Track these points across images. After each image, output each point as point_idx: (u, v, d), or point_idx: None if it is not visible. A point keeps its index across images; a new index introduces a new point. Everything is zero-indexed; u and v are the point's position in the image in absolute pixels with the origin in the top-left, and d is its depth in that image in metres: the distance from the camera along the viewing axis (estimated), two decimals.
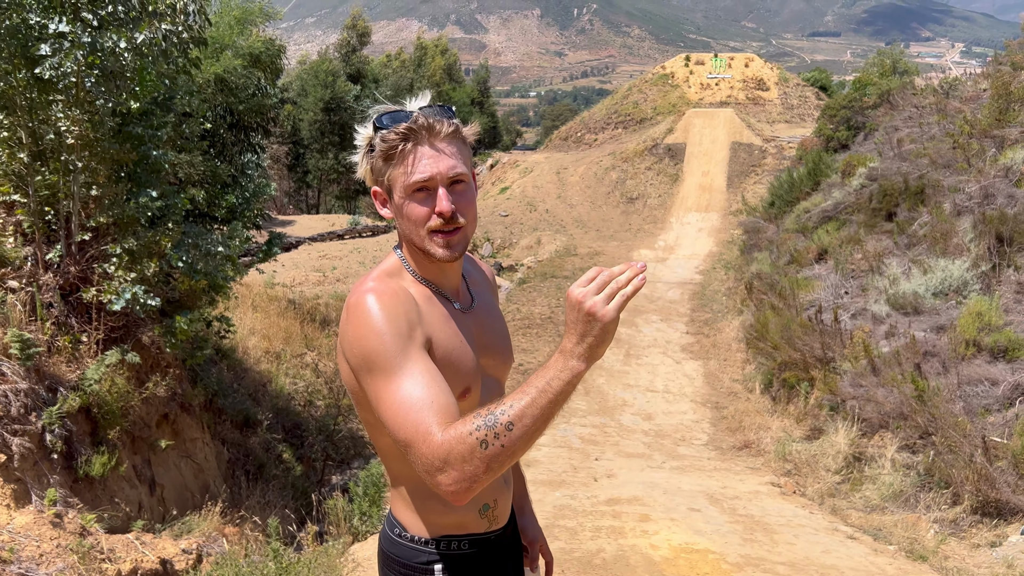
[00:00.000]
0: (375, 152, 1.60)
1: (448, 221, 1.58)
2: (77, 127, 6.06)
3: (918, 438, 7.37)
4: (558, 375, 1.35)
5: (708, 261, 22.40)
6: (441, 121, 1.58)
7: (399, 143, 1.56)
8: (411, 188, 1.58)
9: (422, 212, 1.58)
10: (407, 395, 1.44)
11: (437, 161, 1.57)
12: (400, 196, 1.60)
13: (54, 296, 6.21)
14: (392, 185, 1.61)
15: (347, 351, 1.54)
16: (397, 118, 1.58)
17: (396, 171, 1.58)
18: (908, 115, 16.55)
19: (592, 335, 1.35)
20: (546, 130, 56.58)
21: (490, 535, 1.74)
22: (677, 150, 31.39)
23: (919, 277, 9.60)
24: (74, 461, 5.76)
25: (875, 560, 5.28)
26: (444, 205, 1.56)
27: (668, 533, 5.52)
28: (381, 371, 1.48)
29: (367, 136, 1.63)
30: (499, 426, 1.33)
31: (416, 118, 1.57)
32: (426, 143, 1.57)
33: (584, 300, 1.35)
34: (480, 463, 1.34)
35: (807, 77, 41.83)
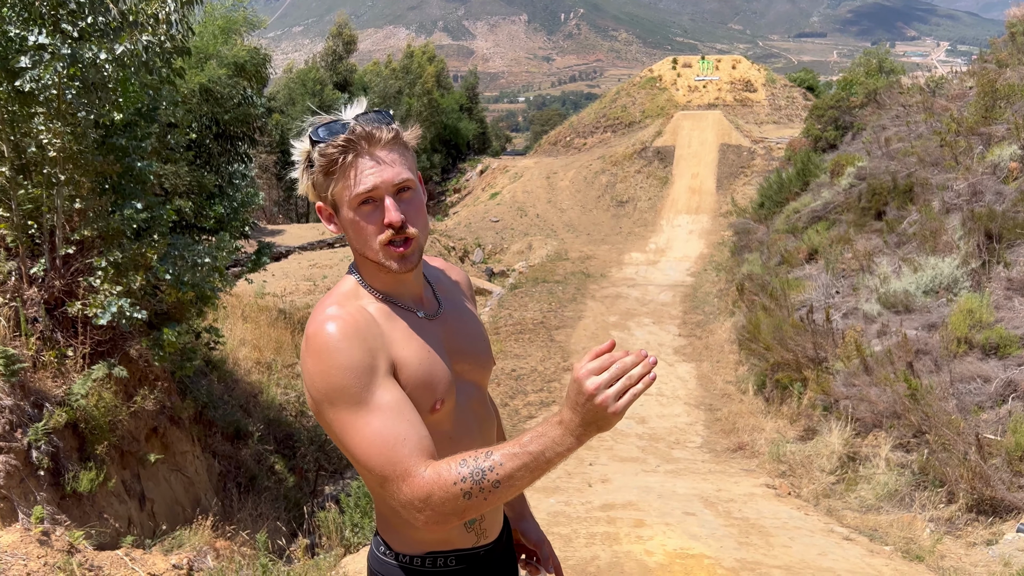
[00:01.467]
0: (314, 167, 1.54)
1: (398, 231, 1.52)
2: (59, 139, 5.99)
3: (912, 437, 7.35)
4: (554, 447, 1.35)
5: (699, 263, 22.42)
6: (380, 128, 1.52)
7: (338, 156, 1.50)
8: (356, 201, 1.52)
9: (371, 226, 1.53)
10: (378, 431, 1.43)
11: (380, 171, 1.51)
12: (347, 211, 1.54)
13: (39, 311, 6.14)
14: (337, 200, 1.55)
15: (309, 385, 1.50)
16: (333, 130, 1.52)
17: (339, 186, 1.53)
18: (895, 114, 16.61)
19: (596, 425, 1.33)
20: (535, 135, 56.60)
21: (478, 550, 1.69)
22: (666, 153, 31.44)
23: (909, 275, 9.60)
24: (61, 477, 5.68)
25: (871, 561, 5.25)
26: (393, 215, 1.51)
27: (663, 538, 5.48)
28: (347, 406, 1.45)
29: (304, 151, 1.56)
30: (486, 483, 1.34)
31: (353, 128, 1.51)
32: (366, 153, 1.51)
33: (596, 393, 1.31)
34: (460, 510, 1.37)
35: (794, 78, 42.01)
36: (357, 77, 38.74)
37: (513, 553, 1.88)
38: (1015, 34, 14.93)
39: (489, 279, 21.48)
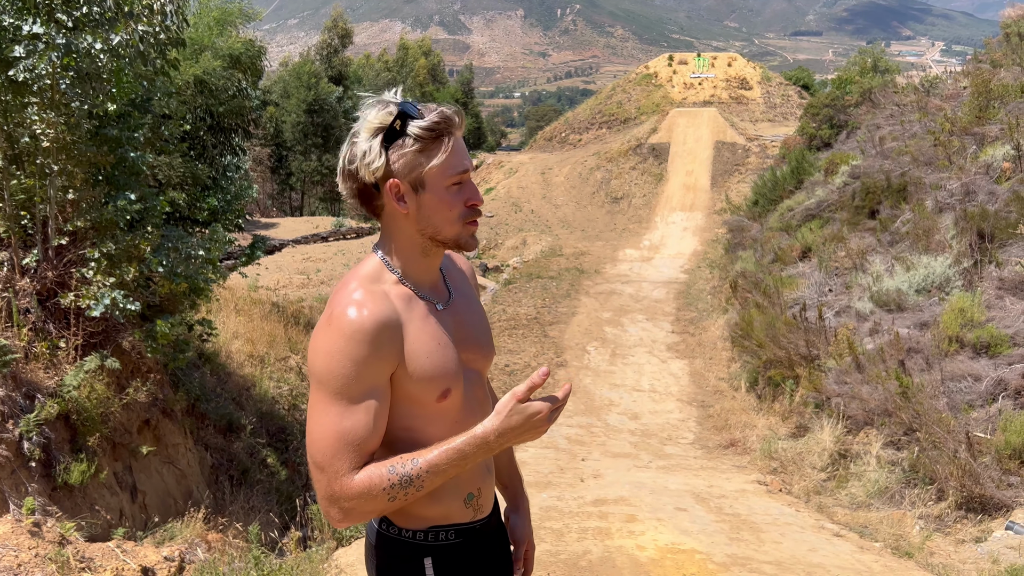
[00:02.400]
0: (408, 141, 1.54)
1: (478, 212, 1.64)
2: (52, 130, 5.97)
3: (903, 434, 7.39)
4: (477, 453, 1.52)
5: (693, 260, 22.45)
6: (460, 112, 1.59)
7: (443, 133, 1.55)
8: (451, 180, 1.58)
9: (458, 203, 1.60)
10: (342, 426, 1.49)
11: (467, 154, 1.61)
12: (436, 189, 1.57)
13: (31, 302, 6.12)
14: (428, 178, 1.57)
15: (312, 355, 1.54)
16: (416, 109, 1.56)
17: (435, 163, 1.56)
18: (890, 113, 16.65)
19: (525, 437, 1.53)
20: (531, 131, 56.56)
21: (475, 524, 1.73)
22: (661, 150, 31.46)
23: (902, 274, 9.64)
24: (53, 469, 5.67)
25: (861, 558, 5.27)
26: (479, 196, 1.63)
27: (655, 533, 5.49)
28: (331, 392, 1.50)
29: (381, 123, 1.54)
30: (411, 488, 1.49)
31: (447, 111, 1.56)
32: (456, 136, 1.58)
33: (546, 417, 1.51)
34: (380, 509, 1.51)
35: (789, 76, 42.06)
36: (352, 71, 38.62)
37: (505, 528, 1.93)
38: (1009, 34, 14.98)
39: (483, 274, 21.47)
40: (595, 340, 14.91)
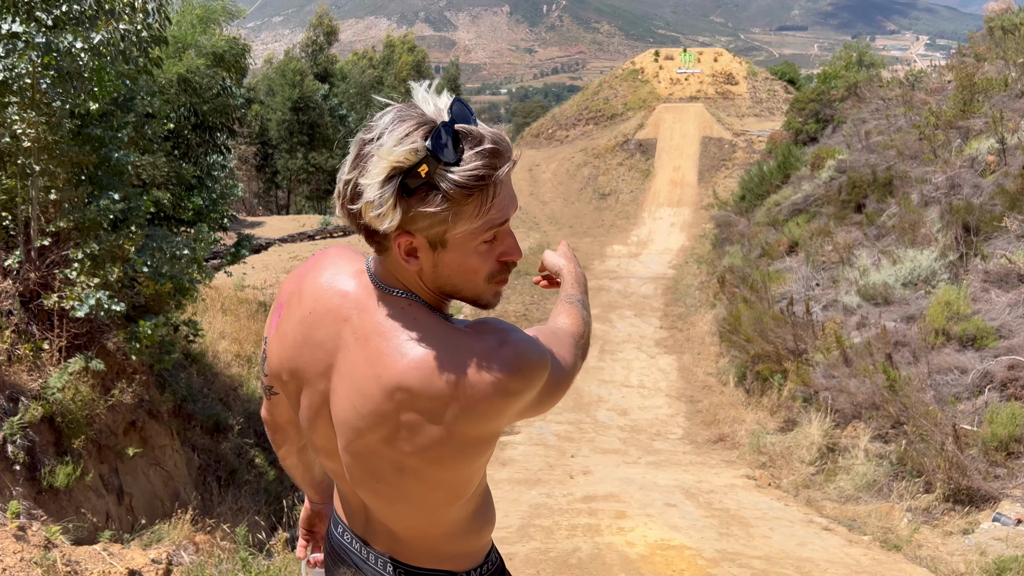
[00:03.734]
0: (435, 197, 1.12)
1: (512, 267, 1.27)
2: (34, 130, 5.90)
3: (890, 428, 7.43)
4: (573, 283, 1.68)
5: (681, 256, 22.50)
6: (511, 148, 1.17)
7: (486, 184, 1.13)
8: (486, 238, 1.20)
9: (488, 261, 1.23)
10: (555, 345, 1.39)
11: (513, 200, 1.21)
12: (463, 248, 1.20)
13: (13, 303, 6.05)
14: (450, 235, 1.18)
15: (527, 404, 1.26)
16: (456, 139, 1.12)
17: (464, 218, 1.15)
18: (875, 107, 16.73)
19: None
20: (517, 127, 56.51)
21: None
22: (648, 145, 31.49)
23: (889, 268, 9.68)
24: (38, 472, 5.61)
25: (850, 551, 5.29)
26: (519, 253, 1.26)
27: (644, 530, 5.50)
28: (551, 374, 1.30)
29: (399, 163, 1.11)
30: (584, 321, 1.59)
31: (495, 149, 1.14)
32: (501, 180, 1.16)
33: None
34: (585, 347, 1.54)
35: (775, 71, 42.18)
36: (338, 68, 38.46)
37: None
38: (993, 28, 15.06)
39: None
40: None
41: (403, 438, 1.24)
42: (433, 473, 1.28)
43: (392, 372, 1.22)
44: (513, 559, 4.86)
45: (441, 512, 1.36)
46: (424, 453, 1.24)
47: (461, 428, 1.21)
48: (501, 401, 1.20)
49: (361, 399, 1.25)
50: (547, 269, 1.77)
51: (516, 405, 1.23)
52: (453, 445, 1.23)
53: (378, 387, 1.23)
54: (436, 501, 1.34)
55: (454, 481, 1.31)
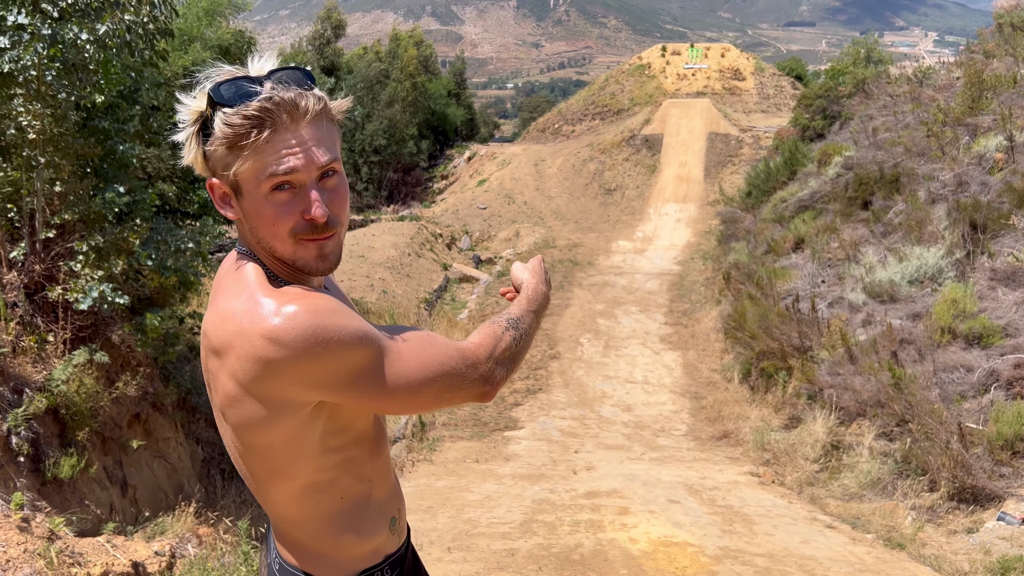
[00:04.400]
0: (215, 136, 1.22)
1: (323, 228, 1.27)
2: (39, 122, 5.90)
3: (895, 426, 7.40)
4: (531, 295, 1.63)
5: (686, 252, 22.45)
6: (305, 96, 1.23)
7: (251, 130, 1.20)
8: (269, 185, 1.23)
9: (287, 217, 1.25)
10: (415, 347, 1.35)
11: (303, 152, 1.23)
12: (253, 195, 1.24)
13: (18, 295, 6.06)
14: (241, 181, 1.24)
15: (321, 379, 1.25)
16: (242, 90, 1.21)
17: (247, 164, 1.22)
18: (883, 104, 16.64)
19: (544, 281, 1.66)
20: (524, 122, 56.38)
21: (400, 550, 1.55)
22: (654, 141, 31.40)
23: (895, 265, 9.64)
24: (42, 463, 5.63)
25: (853, 549, 5.28)
26: (318, 210, 1.24)
27: (647, 526, 5.49)
28: (368, 351, 1.27)
29: (196, 111, 1.24)
30: (520, 327, 1.53)
31: (273, 96, 1.20)
32: (288, 129, 1.22)
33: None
34: (512, 352, 1.48)
35: (783, 67, 42.03)
36: (344, 61, 38.42)
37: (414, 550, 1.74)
38: (1002, 25, 14.96)
39: (476, 266, 21.44)
40: (588, 332, 14.90)
41: (214, 391, 1.33)
42: (242, 436, 1.32)
43: (205, 323, 1.33)
44: (515, 555, 4.86)
45: (271, 489, 1.39)
46: (227, 409, 1.30)
47: (243, 381, 1.24)
48: (267, 358, 1.21)
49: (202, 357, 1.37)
50: (512, 282, 1.75)
51: (288, 369, 1.22)
52: (244, 402, 1.27)
53: (203, 339, 1.34)
54: (259, 474, 1.36)
55: (265, 449, 1.32)
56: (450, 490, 6.90)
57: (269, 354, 1.21)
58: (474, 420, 10.00)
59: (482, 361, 1.41)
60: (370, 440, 1.45)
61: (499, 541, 5.12)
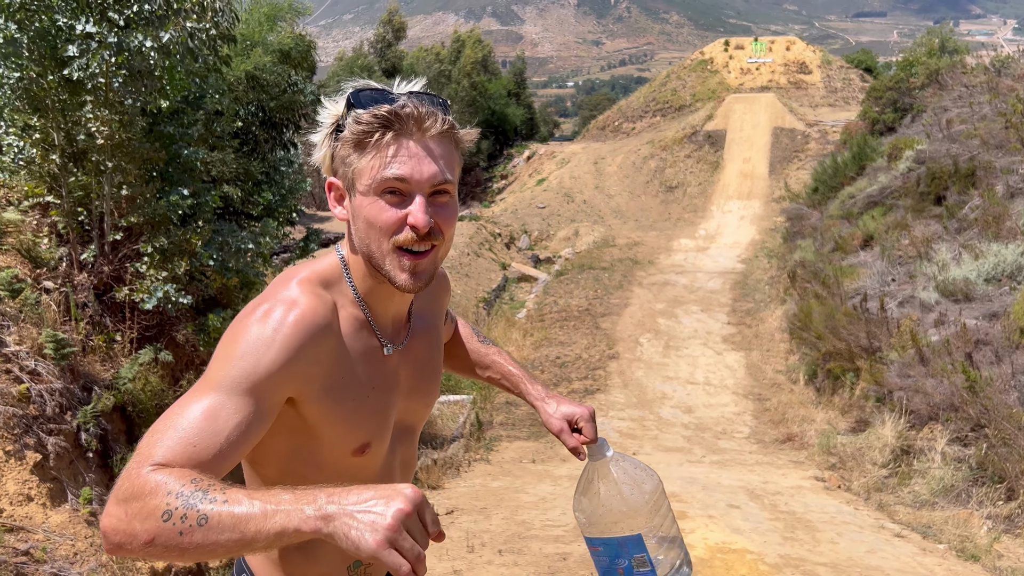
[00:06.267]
0: (343, 135, 1.28)
1: (422, 237, 1.26)
2: (107, 127, 6.08)
3: (970, 430, 7.09)
4: (290, 513, 0.99)
5: (750, 250, 22.00)
6: (434, 114, 1.27)
7: (377, 129, 1.24)
8: (381, 186, 1.25)
9: (389, 217, 1.26)
10: (187, 407, 1.15)
11: (421, 161, 1.25)
12: (364, 193, 1.27)
13: (88, 296, 6.26)
14: (356, 178, 1.28)
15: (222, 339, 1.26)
16: (378, 98, 1.28)
17: (364, 161, 1.26)
18: (957, 95, 16.01)
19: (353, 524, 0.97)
20: (584, 120, 56.13)
21: None
22: (717, 137, 30.89)
23: (970, 262, 9.25)
24: (109, 459, 5.80)
25: (923, 560, 5.06)
26: (419, 216, 1.24)
27: (705, 531, 5.36)
28: (206, 376, 1.20)
29: (335, 114, 1.32)
30: (192, 512, 1.00)
31: (404, 104, 1.25)
32: (412, 137, 1.26)
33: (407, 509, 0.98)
34: (148, 531, 1.01)
35: (851, 59, 40.86)
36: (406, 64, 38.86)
37: None
38: None
39: (535, 266, 21.41)
40: (648, 332, 14.71)
41: None
42: None
43: None
44: (568, 559, 4.79)
45: (249, 474, 1.41)
46: None
47: None
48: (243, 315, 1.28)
49: None
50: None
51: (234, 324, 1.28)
52: None
53: None
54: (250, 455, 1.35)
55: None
56: (505, 491, 6.87)
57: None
58: (531, 420, 9.96)
59: (118, 491, 1.08)
60: (362, 481, 1.32)
61: (552, 544, 5.07)
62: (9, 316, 5.66)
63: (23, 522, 4.91)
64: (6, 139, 6.15)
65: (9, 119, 6.10)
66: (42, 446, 5.31)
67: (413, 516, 0.98)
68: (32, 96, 5.92)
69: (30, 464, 5.11)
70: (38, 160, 6.17)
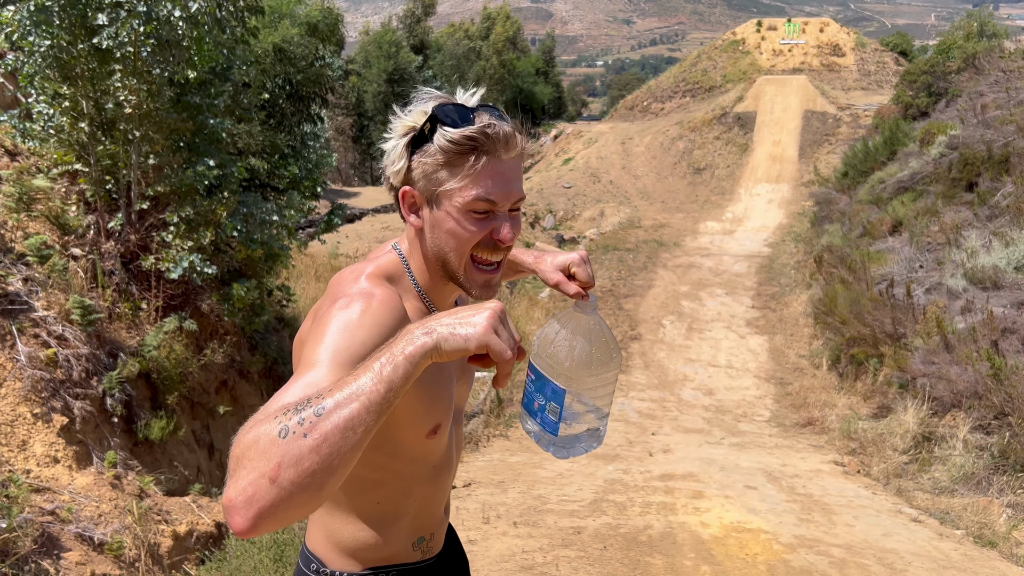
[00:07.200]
0: (430, 149, 1.33)
1: (502, 251, 1.38)
2: (135, 96, 6.14)
3: (993, 418, 7.00)
4: (394, 352, 1.04)
5: (777, 234, 21.78)
6: (515, 137, 1.35)
7: (470, 150, 1.31)
8: (472, 205, 1.33)
9: (476, 233, 1.35)
10: (286, 389, 1.13)
11: (508, 183, 1.34)
12: (449, 208, 1.34)
13: (115, 264, 6.35)
14: (442, 194, 1.34)
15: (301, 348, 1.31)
16: (465, 116, 1.33)
17: (455, 181, 1.32)
18: (994, 80, 15.66)
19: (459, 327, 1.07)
20: (612, 100, 55.64)
21: (421, 564, 1.56)
22: (747, 119, 30.51)
23: (1000, 250, 9.09)
24: (134, 425, 5.91)
25: (939, 545, 5.03)
26: (507, 234, 1.35)
27: (721, 511, 5.36)
28: (299, 367, 1.21)
29: (412, 126, 1.36)
30: (307, 413, 0.97)
31: (492, 125, 1.32)
32: (499, 158, 1.34)
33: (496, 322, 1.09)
34: (272, 459, 0.94)
35: (886, 42, 40.07)
36: (434, 39, 38.70)
37: (459, 558, 1.75)
38: None
39: (559, 246, 21.36)
40: (671, 314, 14.66)
41: None
42: None
43: None
44: (582, 532, 4.83)
45: None
46: None
47: None
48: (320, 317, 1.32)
49: None
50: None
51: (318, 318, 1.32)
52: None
53: None
54: None
55: None
56: (523, 466, 6.91)
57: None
58: None
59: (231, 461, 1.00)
60: (431, 466, 1.49)
61: (567, 519, 5.10)
62: (38, 282, 5.76)
63: (49, 483, 5.03)
64: (36, 107, 6.23)
65: (39, 87, 6.17)
66: (68, 410, 5.42)
67: (503, 315, 1.11)
68: (62, 64, 5.98)
69: (57, 427, 5.22)
70: (67, 128, 6.25)
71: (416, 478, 1.46)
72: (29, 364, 5.29)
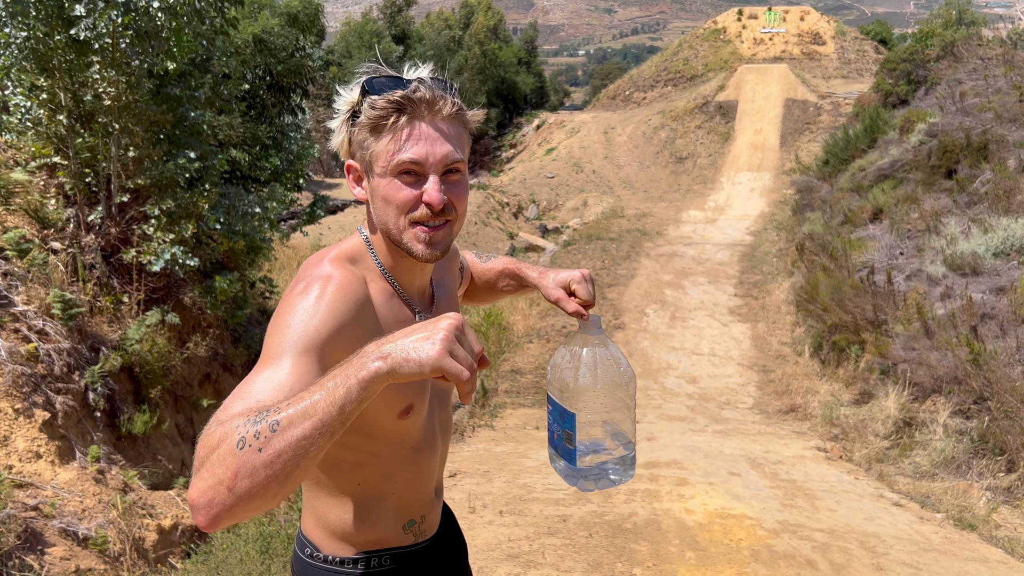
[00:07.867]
0: (360, 120, 1.36)
1: (437, 214, 1.35)
2: (114, 88, 6.08)
3: (972, 403, 7.10)
4: (349, 374, 1.04)
5: (759, 222, 21.90)
6: (444, 98, 1.36)
7: (391, 114, 1.33)
8: (397, 168, 1.34)
9: (406, 197, 1.35)
10: (247, 384, 1.17)
11: (433, 143, 1.34)
12: (380, 175, 1.35)
13: (95, 257, 6.30)
14: (373, 161, 1.36)
15: (274, 318, 1.32)
16: (391, 84, 1.35)
17: (380, 145, 1.34)
18: (973, 67, 15.80)
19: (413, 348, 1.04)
20: (594, 89, 55.60)
21: (415, 547, 1.58)
22: (728, 108, 30.60)
23: (979, 236, 9.19)
24: (117, 419, 5.87)
25: (920, 528, 5.10)
26: (434, 195, 1.33)
27: (705, 498, 5.41)
28: (260, 358, 1.23)
29: (351, 101, 1.39)
30: (263, 426, 1.01)
31: (416, 88, 1.33)
32: (424, 120, 1.34)
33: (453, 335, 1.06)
34: (229, 468, 0.99)
35: (866, 30, 40.28)
36: (415, 30, 38.47)
37: (456, 541, 1.76)
38: None
39: (542, 236, 21.37)
40: (655, 303, 14.71)
41: None
42: None
43: None
44: (567, 521, 4.86)
45: None
46: None
47: None
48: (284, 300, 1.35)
49: None
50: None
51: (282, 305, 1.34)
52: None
53: None
54: None
55: None
56: (508, 455, 6.93)
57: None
58: (536, 388, 10.02)
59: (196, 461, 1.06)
60: (409, 447, 1.50)
61: (552, 507, 5.13)
62: (17, 276, 5.70)
63: (32, 478, 5.00)
64: (13, 99, 6.15)
65: (16, 79, 6.09)
66: (50, 405, 5.38)
67: (460, 330, 1.08)
68: (39, 56, 5.91)
69: (39, 422, 5.18)
70: (45, 121, 6.18)
71: (395, 459, 1.47)
72: (10, 359, 5.24)
